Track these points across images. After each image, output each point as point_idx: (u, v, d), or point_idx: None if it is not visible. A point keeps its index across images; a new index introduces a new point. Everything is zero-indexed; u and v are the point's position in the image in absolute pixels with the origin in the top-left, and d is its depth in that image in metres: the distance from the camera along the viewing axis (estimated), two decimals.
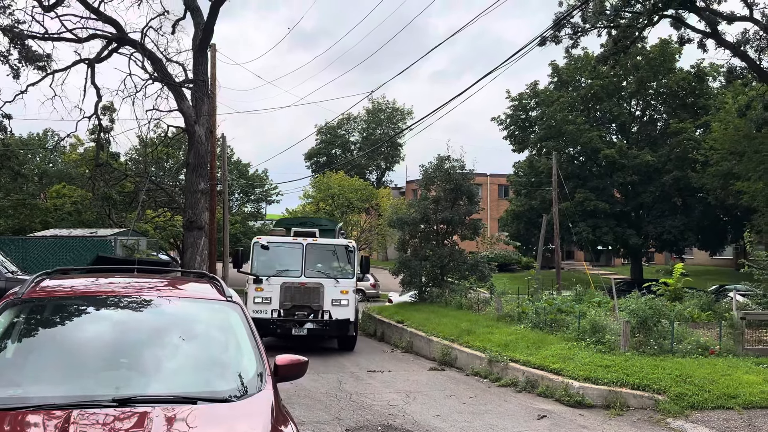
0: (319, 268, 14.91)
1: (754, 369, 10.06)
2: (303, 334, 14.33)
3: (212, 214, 21.80)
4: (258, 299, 14.36)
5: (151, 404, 3.27)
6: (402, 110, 66.94)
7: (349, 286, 14.78)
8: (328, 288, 14.48)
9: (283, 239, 15.27)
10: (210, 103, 20.02)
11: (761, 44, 20.63)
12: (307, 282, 14.47)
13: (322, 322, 14.42)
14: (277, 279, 14.41)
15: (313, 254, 15.02)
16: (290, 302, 14.33)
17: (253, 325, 4.29)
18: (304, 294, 14.38)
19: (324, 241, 15.53)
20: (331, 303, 14.42)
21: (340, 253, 15.31)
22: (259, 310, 14.15)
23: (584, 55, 36.74)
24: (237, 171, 47.62)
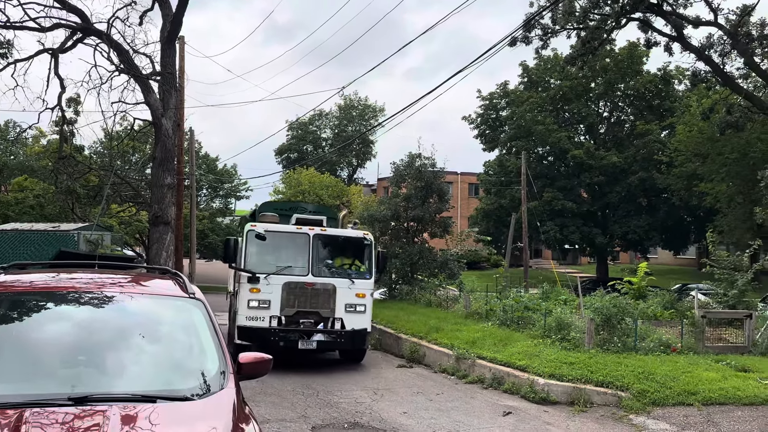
0: (329, 264, 12.12)
1: (713, 366, 10.30)
2: (311, 348, 11.52)
3: (179, 209, 21.49)
4: (253, 303, 11.35)
5: (108, 403, 3.19)
6: (374, 107, 66.93)
7: (367, 288, 12.04)
8: (342, 290, 11.69)
9: (284, 227, 12.19)
10: (178, 96, 19.69)
11: (725, 49, 21.11)
12: (315, 282, 11.58)
13: (335, 333, 11.61)
14: (279, 278, 11.44)
15: (323, 247, 12.14)
16: (294, 307, 11.44)
17: (216, 322, 4.22)
18: (311, 297, 11.55)
19: (335, 232, 12.65)
20: (344, 309, 11.68)
21: (355, 247, 12.48)
22: (255, 317, 11.36)
23: (554, 56, 37.17)
24: (205, 165, 47.04)
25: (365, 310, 11.91)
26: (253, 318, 11.36)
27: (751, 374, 9.93)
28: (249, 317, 11.36)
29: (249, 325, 11.38)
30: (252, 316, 11.35)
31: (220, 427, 3.21)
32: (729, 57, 22.01)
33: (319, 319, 11.58)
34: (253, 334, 11.32)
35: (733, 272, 14.06)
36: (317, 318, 11.58)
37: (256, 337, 11.23)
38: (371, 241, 12.48)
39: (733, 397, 8.81)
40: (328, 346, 11.85)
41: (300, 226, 12.08)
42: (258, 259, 11.62)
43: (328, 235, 12.20)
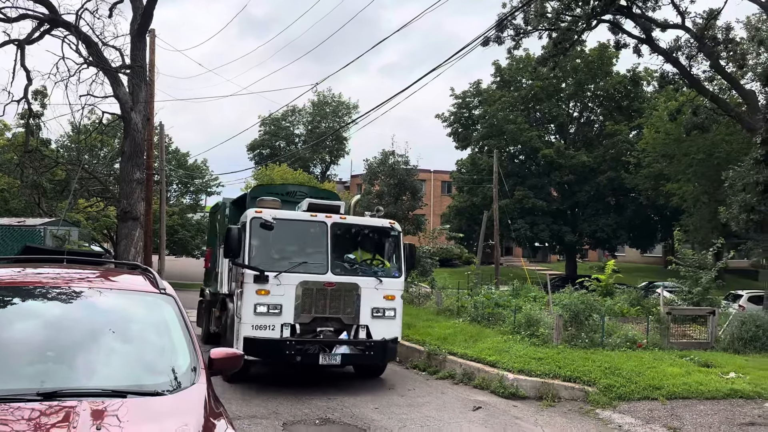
0: (351, 260, 10.40)
1: (677, 362, 10.56)
2: (335, 363, 9.47)
3: (148, 204, 21.20)
4: (262, 308, 9.27)
5: (78, 398, 3.16)
6: (348, 104, 66.78)
7: (397, 289, 10.09)
8: (367, 291, 9.76)
9: (297, 215, 10.23)
10: (148, 89, 19.40)
11: (692, 52, 21.57)
12: (336, 282, 9.60)
13: (363, 345, 9.61)
14: (292, 277, 9.40)
15: (343, 239, 10.30)
16: (311, 312, 9.46)
17: (187, 317, 4.21)
18: (331, 300, 9.57)
19: (357, 221, 10.67)
20: (370, 314, 9.73)
21: (380, 239, 10.61)
22: (263, 325, 9.24)
23: (526, 56, 37.57)
24: (175, 161, 46.42)
25: (395, 316, 9.94)
26: (261, 327, 9.22)
27: (713, 369, 10.22)
28: (256, 326, 9.21)
29: (257, 336, 9.20)
30: (260, 325, 9.21)
31: (191, 421, 3.21)
32: (695, 59, 22.50)
33: (340, 327, 9.64)
34: (261, 347, 9.21)
35: (698, 270, 14.42)
36: (338, 326, 9.63)
37: (266, 351, 9.28)
38: (399, 232, 10.52)
39: (695, 391, 9.05)
40: (354, 359, 9.74)
41: (315, 213, 9.97)
42: (263, 254, 9.53)
43: (348, 224, 10.25)
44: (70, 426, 2.89)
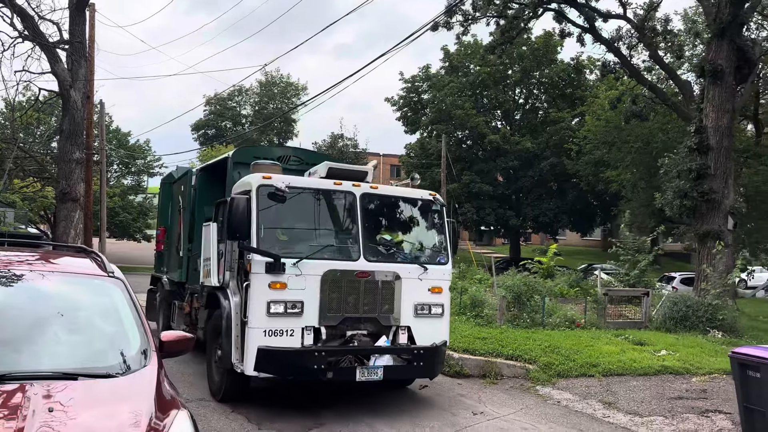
0: (388, 242, 7.89)
1: (613, 340, 11.07)
2: (376, 379, 7.25)
3: (88, 185, 20.58)
4: (277, 307, 6.96)
5: (28, 381, 3.14)
6: (296, 85, 65.97)
7: (444, 279, 7.97)
8: (409, 282, 7.59)
9: (315, 183, 7.73)
10: (88, 66, 18.76)
11: (632, 42, 22.27)
12: (371, 270, 7.40)
13: (410, 353, 7.43)
14: (315, 264, 7.15)
15: (374, 215, 7.95)
16: (340, 312, 7.23)
17: (136, 300, 4.20)
18: (365, 294, 7.37)
19: (391, 191, 8.29)
20: (413, 312, 7.61)
21: (421, 215, 8.29)
22: (280, 330, 6.94)
23: (474, 42, 37.97)
24: (116, 140, 44.97)
25: (443, 313, 7.83)
26: (277, 332, 6.89)
27: (646, 347, 10.77)
28: (270, 331, 6.88)
29: (273, 347, 6.87)
30: (275, 329, 6.89)
31: (143, 401, 3.23)
32: (636, 50, 23.25)
33: (376, 330, 7.43)
34: (279, 360, 6.91)
35: (636, 254, 15.08)
36: (373, 328, 7.42)
37: (285, 366, 7.00)
38: (443, 205, 8.37)
39: (629, 368, 9.53)
40: (398, 373, 7.53)
41: (338, 181, 7.66)
42: (272, 235, 7.25)
43: (381, 195, 7.96)
44: (22, 409, 2.87)
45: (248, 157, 9.10)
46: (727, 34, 15.93)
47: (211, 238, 8.25)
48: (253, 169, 8.00)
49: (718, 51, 16.12)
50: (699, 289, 14.25)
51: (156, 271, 12.98)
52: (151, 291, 12.80)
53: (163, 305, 11.62)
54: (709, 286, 13.46)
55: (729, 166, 16.07)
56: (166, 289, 11.45)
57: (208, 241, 8.38)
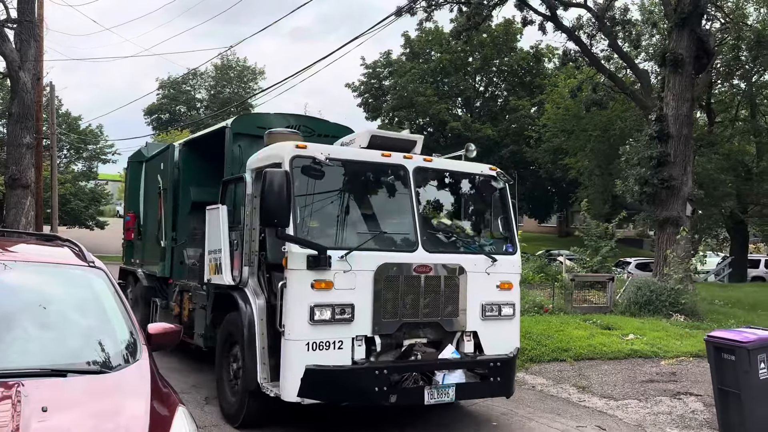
0: (447, 228, 6.55)
1: (582, 325, 11.25)
2: (447, 401, 6.01)
3: (39, 171, 19.75)
4: (322, 312, 5.57)
5: (14, 378, 2.91)
6: (253, 69, 64.80)
7: (514, 273, 6.69)
8: (475, 278, 6.31)
9: (360, 154, 6.28)
10: (37, 47, 17.94)
11: (593, 31, 22.57)
12: (431, 264, 6.06)
13: (485, 366, 6.23)
14: (366, 257, 5.79)
15: (431, 194, 6.68)
16: (397, 316, 5.89)
17: (120, 291, 3.98)
18: (425, 294, 6.02)
19: (450, 166, 6.84)
20: (481, 313, 6.34)
21: (482, 194, 6.95)
22: (326, 342, 5.58)
23: (435, 29, 37.94)
24: (66, 124, 43.36)
25: (514, 314, 6.59)
26: (323, 345, 5.52)
27: (614, 331, 10.97)
28: (315, 344, 5.49)
29: (323, 366, 5.49)
30: (321, 342, 5.51)
31: (140, 398, 3.06)
32: (595, 39, 23.59)
33: (438, 338, 6.18)
34: (331, 382, 5.57)
35: (599, 240, 15.36)
36: (434, 335, 6.16)
37: (339, 389, 5.61)
38: (506, 182, 6.92)
39: (600, 352, 9.69)
40: (472, 392, 6.36)
41: (387, 153, 6.26)
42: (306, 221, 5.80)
43: (437, 169, 6.61)
44: (15, 408, 2.66)
45: (250, 126, 7.85)
46: (688, 24, 16.27)
47: (221, 225, 6.55)
48: (269, 138, 6.70)
49: (679, 41, 16.45)
50: (661, 274, 14.60)
51: (126, 264, 11.42)
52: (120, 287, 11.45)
53: (138, 304, 10.01)
54: (671, 271, 13.81)
55: (688, 154, 16.49)
56: (144, 285, 9.93)
57: (216, 229, 6.64)
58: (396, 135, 7.06)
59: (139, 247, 10.74)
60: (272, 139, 6.64)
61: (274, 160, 5.93)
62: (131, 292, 10.63)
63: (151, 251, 9.92)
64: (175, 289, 8.77)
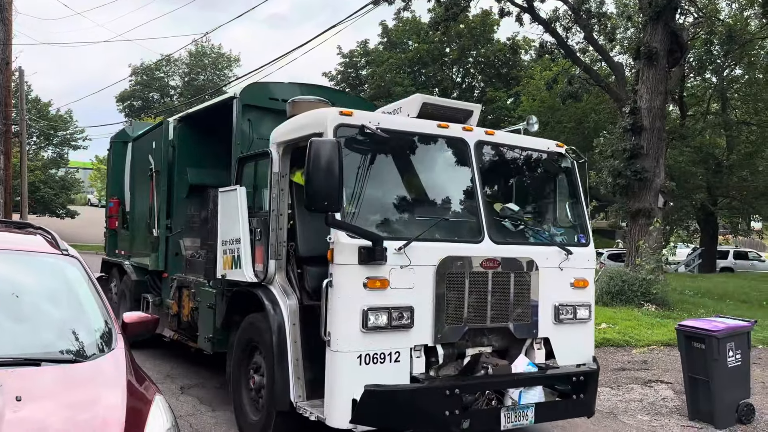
0: (514, 215, 5.61)
1: None
2: (525, 425, 5.10)
3: (8, 158, 19.29)
4: (377, 317, 4.57)
5: None
6: (228, 57, 63.99)
7: (589, 267, 5.78)
8: (547, 273, 5.40)
9: (413, 125, 5.27)
10: (6, 30, 17.49)
11: (569, 23, 22.75)
12: (500, 258, 5.11)
13: (566, 381, 5.33)
14: (426, 250, 4.80)
15: (494, 174, 5.84)
16: (461, 320, 4.93)
17: (95, 280, 3.92)
18: (493, 293, 5.08)
19: (511, 140, 5.81)
20: (554, 316, 5.46)
21: (549, 174, 6.13)
22: (381, 353, 4.60)
23: (412, 18, 37.84)
24: (36, 110, 42.42)
25: (589, 317, 5.68)
26: (377, 357, 4.59)
27: None
28: (369, 356, 4.57)
29: (381, 386, 4.56)
30: (375, 353, 4.59)
31: (116, 387, 3.03)
32: (571, 31, 23.79)
33: (505, 346, 5.33)
34: (392, 404, 4.62)
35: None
36: (500, 343, 5.29)
37: (402, 413, 4.64)
38: (574, 162, 5.97)
39: None
40: (553, 413, 5.44)
41: (443, 124, 5.29)
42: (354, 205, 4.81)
43: (501, 144, 5.66)
44: None
45: (261, 97, 6.94)
46: (662, 17, 16.48)
47: (239, 210, 5.60)
48: (293, 108, 5.81)
49: (653, 34, 16.66)
50: (634, 265, 14.85)
51: (110, 255, 10.49)
52: (101, 280, 10.01)
53: (125, 300, 9.14)
54: (644, 262, 14.05)
55: (661, 147, 16.76)
56: (133, 279, 8.98)
57: (233, 215, 5.70)
58: (450, 103, 5.89)
59: (125, 236, 9.87)
60: (298, 109, 5.66)
61: (313, 130, 4.83)
62: (116, 286, 9.88)
63: (140, 241, 8.97)
64: (172, 285, 7.82)
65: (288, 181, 5.35)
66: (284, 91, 7.14)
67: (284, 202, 5.32)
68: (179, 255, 7.93)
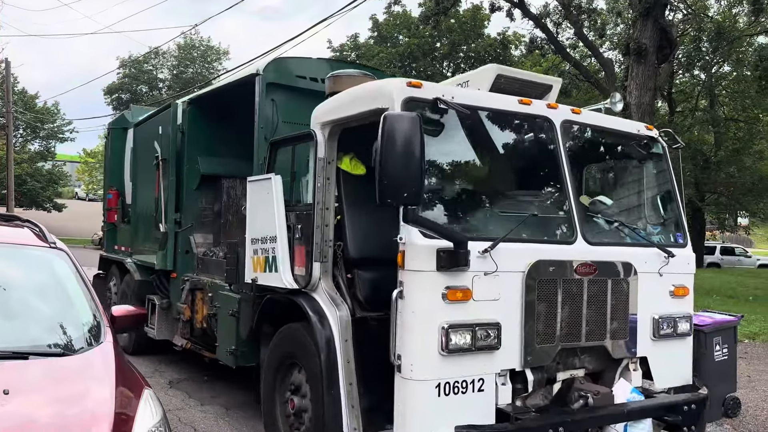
0: (608, 210, 4.80)
1: None
2: None
3: None
4: (460, 335, 3.69)
5: None
6: (217, 49, 63.64)
7: (688, 270, 4.89)
8: (645, 280, 4.50)
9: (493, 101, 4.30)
10: None
11: (559, 19, 22.83)
12: (596, 262, 4.22)
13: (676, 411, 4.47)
14: (514, 251, 3.93)
15: (582, 160, 5.04)
16: (553, 339, 4.05)
17: (84, 274, 3.89)
18: (588, 305, 4.19)
19: (599, 121, 4.79)
20: (652, 331, 4.59)
21: (639, 162, 5.15)
22: (461, 382, 3.72)
23: (403, 12, 37.80)
24: (22, 103, 42.01)
25: (689, 331, 4.96)
26: (459, 386, 3.74)
27: None
28: (448, 384, 3.71)
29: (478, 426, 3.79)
30: (455, 381, 3.73)
31: (105, 380, 3.02)
32: (561, 27, 23.89)
33: (599, 368, 4.51)
34: None
35: None
36: (593, 364, 4.45)
37: None
38: (666, 148, 5.12)
39: None
40: None
41: (525, 100, 4.43)
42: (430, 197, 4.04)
43: (589, 125, 4.79)
44: None
45: (287, 75, 6.08)
46: (652, 13, 16.54)
47: (274, 203, 4.80)
48: (335, 83, 4.95)
49: (643, 30, 16.73)
50: None
51: (108, 251, 9.75)
52: (99, 278, 9.50)
53: (127, 301, 8.29)
54: None
55: None
56: (136, 279, 8.16)
57: (266, 209, 4.89)
58: (528, 75, 5.04)
59: (126, 231, 9.12)
60: (340, 85, 4.86)
61: (373, 105, 4.04)
62: (116, 285, 9.12)
63: (144, 237, 8.24)
64: (184, 287, 6.97)
65: (335, 169, 4.52)
66: (312, 67, 6.35)
67: (331, 194, 4.48)
68: (190, 253, 7.21)
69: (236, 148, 6.56)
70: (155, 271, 7.68)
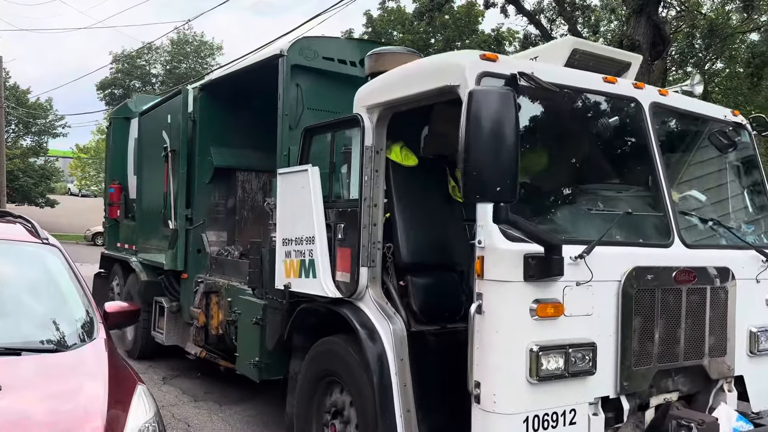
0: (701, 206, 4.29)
1: None
2: None
3: None
4: (551, 359, 3.11)
5: None
6: (211, 45, 63.42)
7: None
8: (742, 287, 3.94)
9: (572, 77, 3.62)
10: None
11: (553, 15, 22.89)
12: (696, 268, 3.69)
13: None
14: (609, 257, 3.36)
15: (672, 149, 4.32)
16: (650, 359, 3.50)
17: (77, 269, 3.89)
18: (686, 317, 3.63)
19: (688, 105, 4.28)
20: (749, 346, 4.03)
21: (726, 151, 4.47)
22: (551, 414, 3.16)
23: (397, 8, 37.74)
24: (14, 98, 41.74)
25: None
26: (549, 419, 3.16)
27: None
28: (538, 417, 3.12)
29: None
30: (545, 413, 3.16)
31: (98, 376, 3.02)
32: (555, 23, 23.93)
33: (693, 390, 3.93)
34: None
35: None
36: (688, 386, 3.87)
37: None
38: (753, 137, 4.70)
39: None
40: None
41: (611, 78, 3.83)
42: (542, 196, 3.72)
43: (678, 109, 4.24)
44: None
45: (314, 57, 5.46)
46: (645, 10, 16.59)
47: (311, 199, 4.16)
48: (376, 62, 4.44)
49: (636, 27, 16.78)
50: None
51: (110, 248, 9.28)
52: (100, 277, 9.07)
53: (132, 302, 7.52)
54: None
55: None
56: (142, 280, 7.64)
57: (303, 204, 4.23)
58: (607, 51, 4.55)
59: (129, 228, 8.64)
60: (383, 63, 4.33)
61: (439, 83, 3.44)
62: (119, 285, 8.62)
63: (151, 234, 7.73)
64: (197, 289, 6.38)
65: (384, 160, 3.92)
66: (341, 48, 5.78)
67: (380, 189, 3.87)
68: (202, 252, 6.70)
69: (252, 138, 6.18)
70: (164, 271, 7.16)
